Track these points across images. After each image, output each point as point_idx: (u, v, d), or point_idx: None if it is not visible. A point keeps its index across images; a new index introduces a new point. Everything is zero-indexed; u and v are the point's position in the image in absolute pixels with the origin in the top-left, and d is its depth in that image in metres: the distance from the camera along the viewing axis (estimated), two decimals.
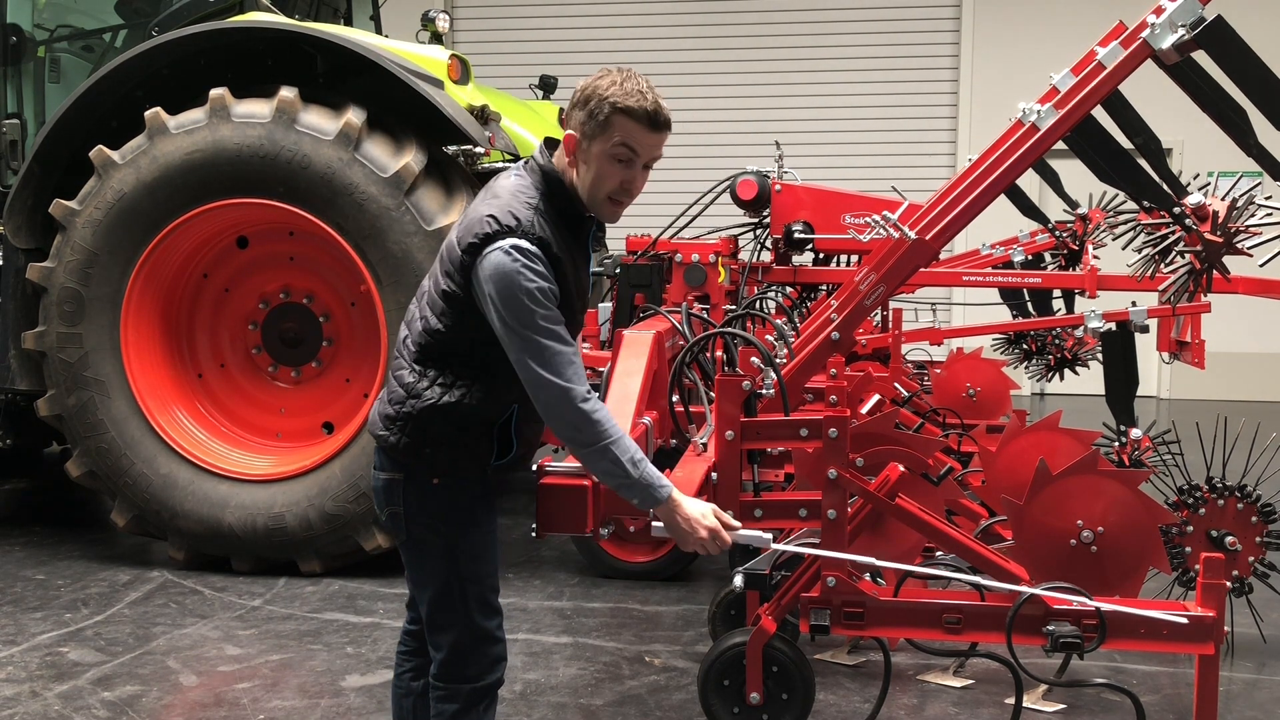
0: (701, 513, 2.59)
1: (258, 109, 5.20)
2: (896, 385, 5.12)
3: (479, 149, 5.52)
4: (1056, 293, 6.06)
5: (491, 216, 2.46)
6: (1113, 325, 5.22)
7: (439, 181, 5.26)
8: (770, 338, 4.10)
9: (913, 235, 3.36)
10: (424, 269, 5.07)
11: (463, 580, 2.63)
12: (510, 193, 2.53)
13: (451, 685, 2.67)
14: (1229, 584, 4.04)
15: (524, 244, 2.43)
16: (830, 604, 3.19)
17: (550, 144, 2.65)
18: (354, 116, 5.14)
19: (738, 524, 2.68)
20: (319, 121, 5.16)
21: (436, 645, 2.68)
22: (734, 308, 4.88)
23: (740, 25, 11.99)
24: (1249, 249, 3.08)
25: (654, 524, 2.68)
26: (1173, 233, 3.20)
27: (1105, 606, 3.03)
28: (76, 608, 4.99)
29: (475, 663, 2.67)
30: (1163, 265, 3.26)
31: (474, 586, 2.64)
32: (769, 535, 2.75)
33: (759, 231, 5.71)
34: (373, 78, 5.35)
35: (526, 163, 2.64)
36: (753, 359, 3.34)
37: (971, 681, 4.09)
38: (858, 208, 5.42)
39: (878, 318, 6.25)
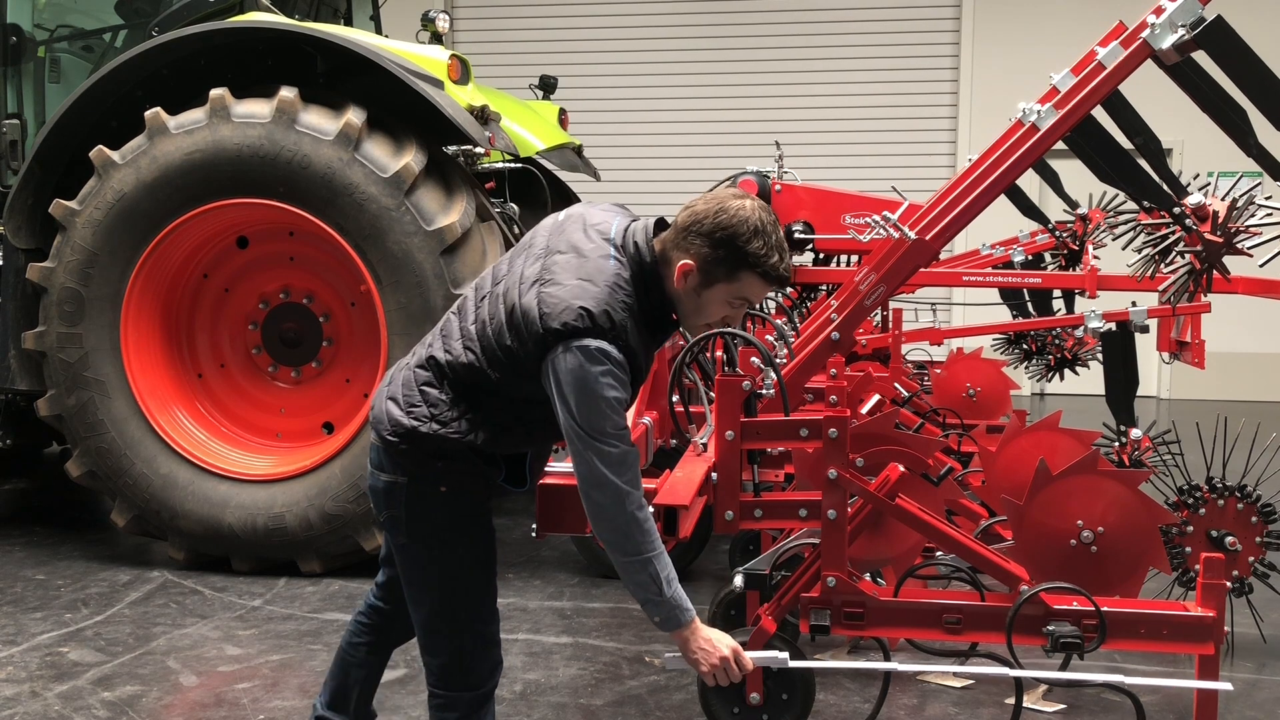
0: (721, 639, 2.57)
1: (258, 109, 5.20)
2: (896, 385, 5.12)
3: (479, 149, 5.52)
4: (1056, 293, 6.06)
5: (586, 310, 2.33)
6: (1113, 325, 5.22)
7: (439, 182, 5.26)
8: (770, 338, 4.10)
9: (913, 235, 3.36)
10: (424, 269, 5.07)
11: (465, 587, 2.61)
12: (608, 285, 2.39)
13: (452, 693, 2.64)
14: (1229, 584, 4.04)
15: (613, 351, 2.33)
16: (830, 604, 3.19)
17: (659, 225, 2.51)
18: (354, 116, 5.14)
19: (748, 661, 2.67)
20: (319, 121, 5.16)
21: (434, 652, 2.65)
22: None
23: (740, 25, 11.99)
24: (1249, 249, 3.08)
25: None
26: (1173, 233, 3.20)
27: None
28: (76, 608, 4.99)
29: (475, 670, 2.65)
30: (1163, 265, 3.26)
31: (475, 593, 2.62)
32: (785, 655, 2.79)
33: None
34: (373, 78, 5.34)
35: (626, 239, 2.48)
36: (753, 359, 3.34)
37: (971, 681, 4.09)
38: (858, 208, 5.43)
39: (878, 318, 6.24)
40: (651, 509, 2.54)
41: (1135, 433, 4.84)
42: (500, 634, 2.73)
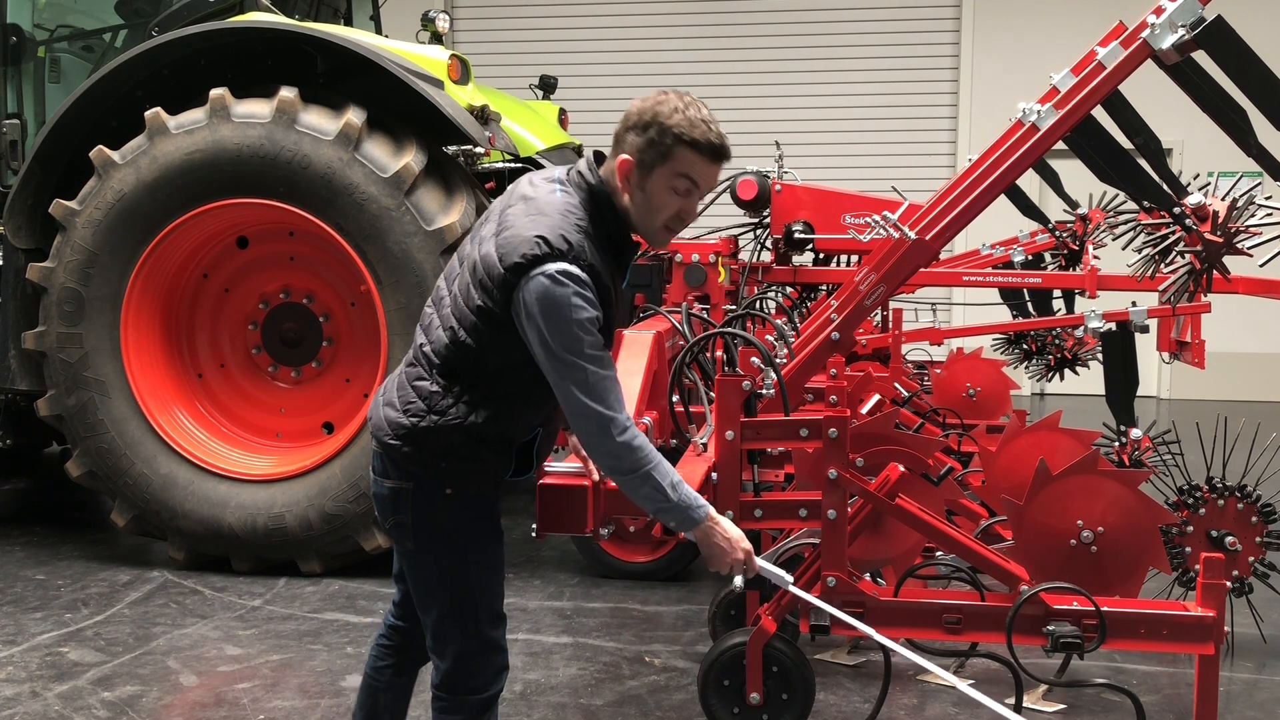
0: (739, 535, 2.57)
1: (258, 109, 5.19)
2: (896, 385, 5.12)
3: (479, 149, 5.52)
4: (1056, 293, 6.07)
5: (542, 238, 2.35)
6: (1113, 325, 5.22)
7: (439, 182, 5.26)
8: (770, 338, 4.10)
9: (913, 235, 3.36)
10: (424, 269, 5.07)
11: (474, 592, 2.57)
12: (559, 211, 2.42)
13: (457, 697, 2.62)
14: (1229, 584, 4.04)
15: (574, 270, 2.34)
16: (831, 604, 3.19)
17: (598, 157, 2.55)
18: (354, 116, 5.14)
19: (756, 564, 2.67)
20: (319, 121, 5.16)
21: (441, 654, 2.63)
22: (734, 308, 4.88)
23: (740, 25, 11.99)
24: (1249, 249, 3.08)
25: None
26: (1173, 233, 3.20)
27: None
28: (76, 608, 4.99)
29: (481, 673, 2.62)
30: (1163, 265, 3.26)
31: (485, 597, 2.59)
32: (790, 578, 2.78)
33: (759, 231, 5.71)
34: (373, 78, 5.34)
35: (570, 175, 2.52)
36: (753, 359, 3.34)
37: (972, 681, 4.08)
38: (858, 208, 5.42)
39: (878, 318, 6.25)
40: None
41: (1135, 433, 4.84)
42: (506, 637, 2.69)
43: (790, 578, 2.76)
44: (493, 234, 2.47)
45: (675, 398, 3.56)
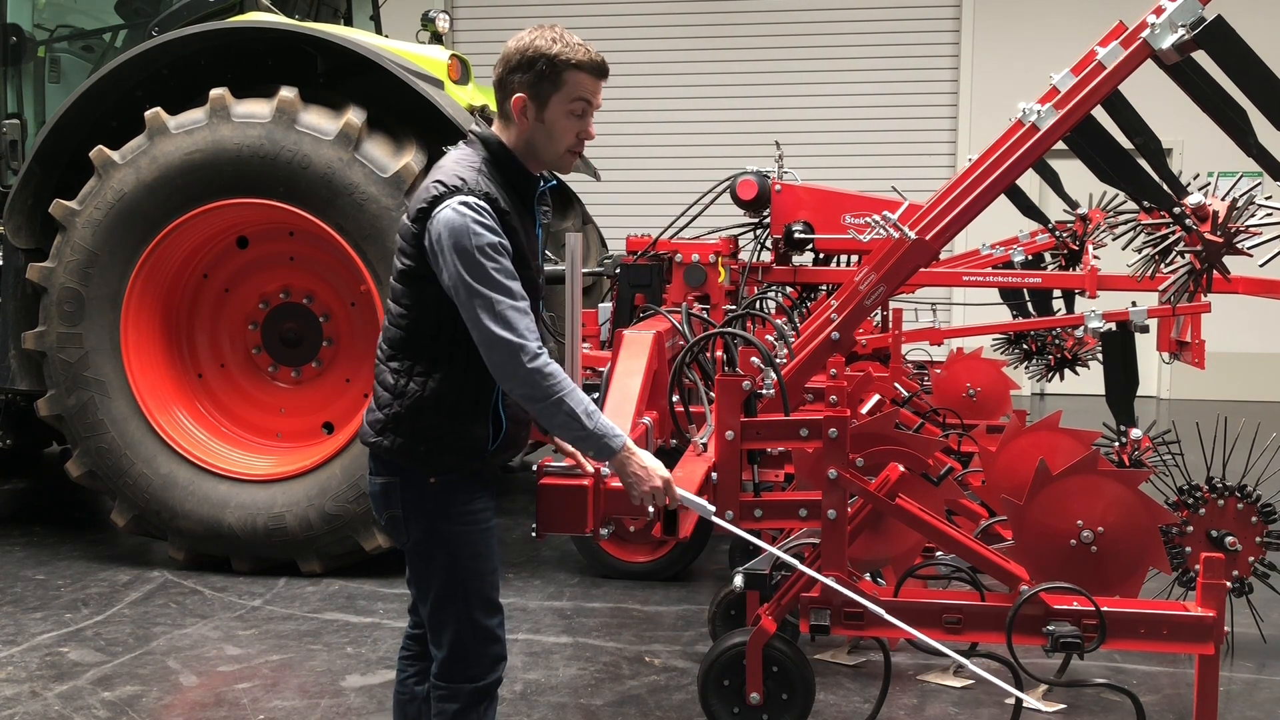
0: (657, 463, 2.61)
1: (258, 109, 5.19)
2: (896, 385, 5.12)
3: None
4: (1056, 293, 6.07)
5: (438, 182, 2.51)
6: (1113, 325, 5.22)
7: None
8: (770, 338, 4.10)
9: (913, 235, 3.36)
10: None
11: (465, 578, 2.62)
12: (453, 161, 2.59)
13: (453, 685, 2.66)
14: (1229, 584, 4.04)
15: (471, 199, 2.46)
16: (830, 604, 3.20)
17: (483, 114, 2.68)
18: (354, 116, 5.14)
19: (676, 495, 2.68)
20: (319, 121, 5.16)
21: (438, 644, 2.67)
22: (734, 308, 4.88)
23: (740, 25, 11.98)
24: (1249, 249, 3.08)
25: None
26: (1173, 233, 3.20)
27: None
28: (76, 608, 4.99)
29: (476, 662, 2.66)
30: (1163, 265, 3.26)
31: (476, 583, 2.63)
32: (712, 507, 2.76)
33: (759, 231, 5.71)
34: (373, 78, 5.34)
35: (466, 138, 2.69)
36: (753, 359, 3.34)
37: (971, 681, 4.09)
38: (858, 208, 5.42)
39: (878, 318, 6.24)
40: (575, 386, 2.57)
41: (1135, 433, 4.84)
42: (504, 627, 2.72)
43: (713, 508, 2.73)
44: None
45: (675, 398, 3.56)
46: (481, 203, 2.46)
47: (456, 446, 2.58)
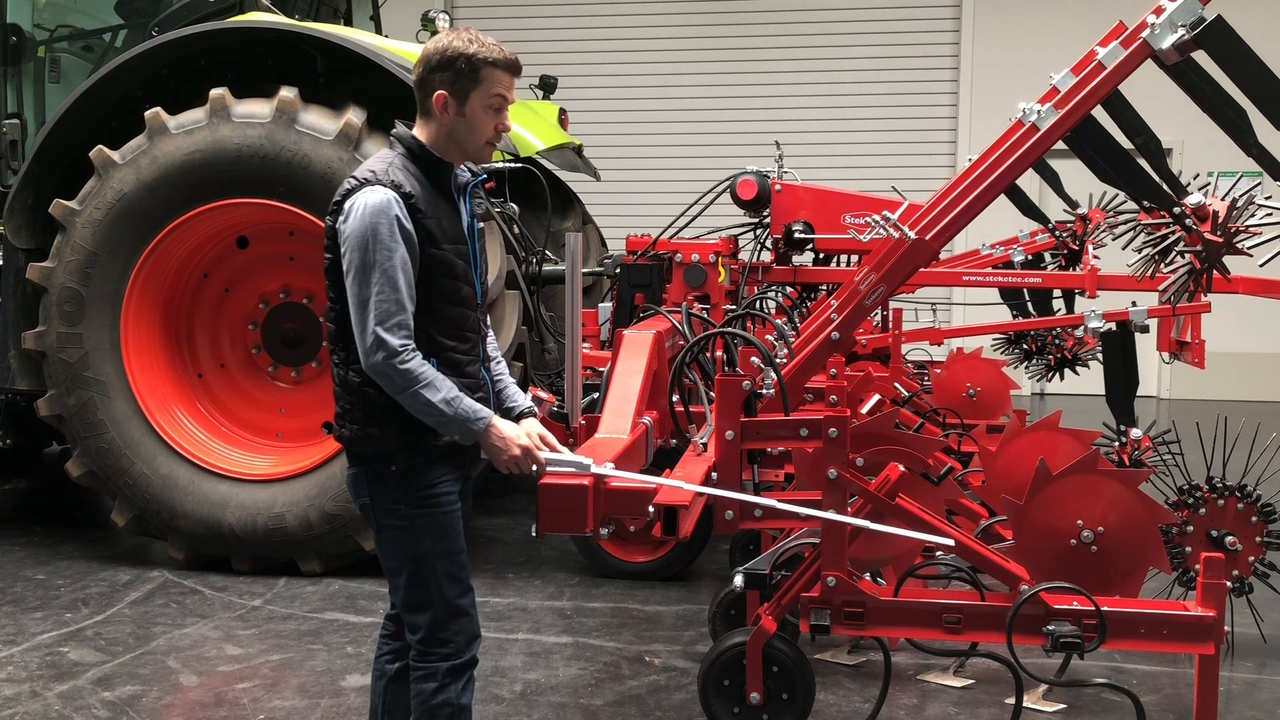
0: (516, 433, 2.70)
1: (258, 109, 5.20)
2: (896, 385, 5.12)
3: None
4: (1056, 293, 6.07)
5: (354, 177, 2.67)
6: (1113, 325, 5.22)
7: None
8: (770, 338, 4.10)
9: (913, 235, 3.36)
10: None
11: (430, 558, 2.75)
12: (374, 159, 2.74)
13: (429, 664, 2.77)
14: (1229, 584, 4.04)
15: (379, 188, 2.61)
16: (830, 604, 3.19)
17: (402, 120, 2.83)
18: (354, 116, 5.14)
19: (563, 450, 2.75)
20: (319, 121, 5.16)
21: (413, 626, 2.80)
22: (734, 308, 4.88)
23: (740, 25, 11.99)
24: (1249, 249, 3.08)
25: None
26: (1173, 233, 3.20)
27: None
28: (76, 608, 4.99)
29: (450, 640, 2.77)
30: (1163, 265, 3.26)
31: (442, 563, 2.76)
32: (589, 461, 2.73)
33: (759, 231, 5.71)
34: (373, 78, 5.34)
35: (390, 144, 2.81)
36: (753, 359, 3.34)
37: (971, 681, 4.09)
38: (858, 208, 5.42)
39: (878, 318, 6.24)
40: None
41: (1135, 432, 4.84)
42: (475, 606, 2.84)
43: (590, 461, 2.73)
44: None
45: (675, 398, 3.56)
46: (390, 191, 2.61)
47: (406, 427, 2.69)
